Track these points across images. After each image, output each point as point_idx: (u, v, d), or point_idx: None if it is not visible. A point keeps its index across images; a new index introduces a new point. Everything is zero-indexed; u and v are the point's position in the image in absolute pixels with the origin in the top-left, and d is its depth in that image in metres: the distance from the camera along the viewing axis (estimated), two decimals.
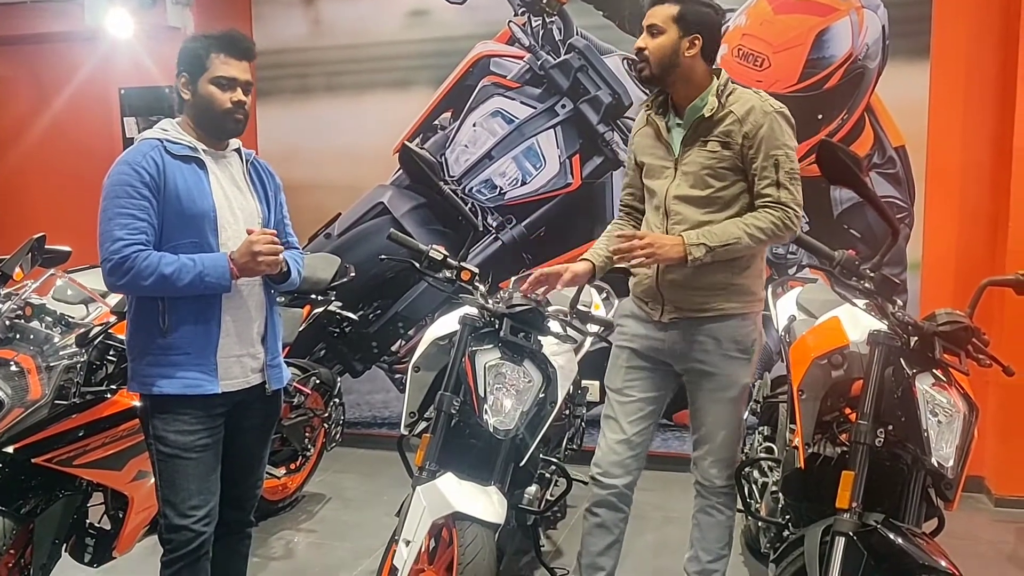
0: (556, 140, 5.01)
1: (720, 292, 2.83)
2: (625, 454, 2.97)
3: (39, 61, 6.09)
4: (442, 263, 3.07)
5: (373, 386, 5.50)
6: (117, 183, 2.49)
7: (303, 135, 5.43)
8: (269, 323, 2.73)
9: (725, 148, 2.76)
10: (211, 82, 2.58)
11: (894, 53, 4.49)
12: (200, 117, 2.62)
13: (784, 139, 2.75)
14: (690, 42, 2.74)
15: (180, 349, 2.55)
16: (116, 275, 2.48)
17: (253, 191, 2.73)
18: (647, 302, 2.94)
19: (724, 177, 2.78)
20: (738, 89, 2.81)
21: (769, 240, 2.77)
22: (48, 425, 2.80)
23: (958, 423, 2.45)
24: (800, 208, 2.78)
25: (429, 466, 2.86)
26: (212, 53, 2.58)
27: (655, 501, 4.32)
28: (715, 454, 2.95)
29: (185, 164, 2.56)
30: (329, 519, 4.43)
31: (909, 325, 2.52)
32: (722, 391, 2.90)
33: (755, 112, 2.74)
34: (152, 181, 2.49)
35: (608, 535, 3.02)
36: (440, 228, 5.21)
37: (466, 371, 2.95)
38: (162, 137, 2.58)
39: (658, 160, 2.89)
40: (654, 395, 2.98)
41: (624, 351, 3.01)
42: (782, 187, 2.74)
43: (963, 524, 4.15)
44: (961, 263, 4.50)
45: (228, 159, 2.70)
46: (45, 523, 2.88)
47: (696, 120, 2.78)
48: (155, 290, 2.49)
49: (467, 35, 5.10)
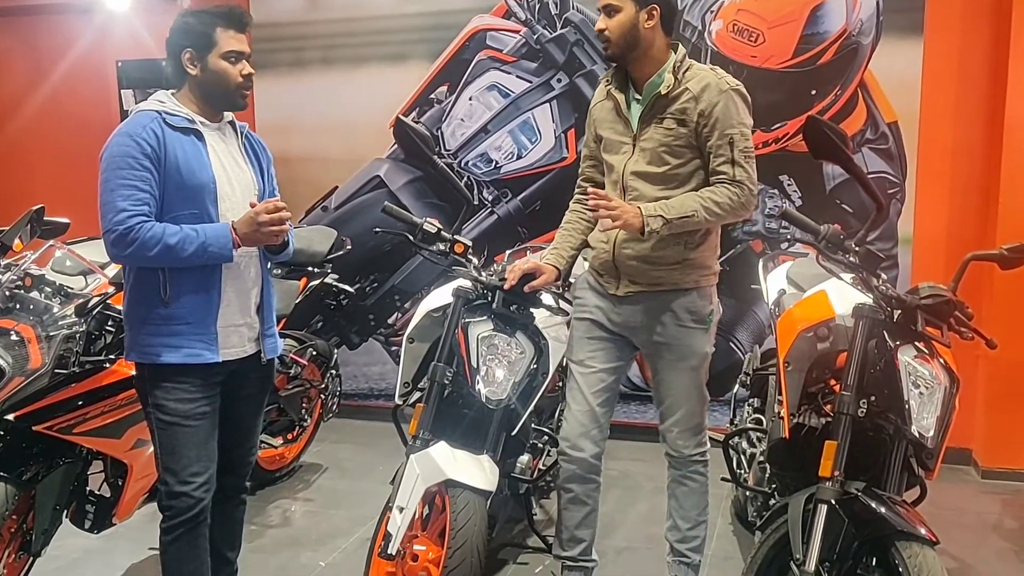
0: (552, 114, 5.03)
1: (675, 267, 2.87)
2: (590, 425, 3.01)
3: (36, 33, 6.08)
4: (436, 236, 3.12)
5: (370, 358, 5.55)
6: (118, 154, 2.51)
7: (300, 108, 5.45)
8: (265, 293, 2.78)
9: (681, 125, 2.79)
10: (222, 57, 2.60)
11: (888, 29, 4.50)
12: (209, 92, 2.64)
13: (740, 117, 2.77)
14: (648, 13, 2.76)
15: (181, 319, 2.58)
16: (120, 246, 2.50)
17: (249, 163, 2.76)
18: (603, 275, 2.98)
19: (680, 154, 2.81)
20: (694, 66, 2.83)
21: (725, 216, 2.80)
22: (48, 394, 2.84)
23: (939, 394, 2.50)
24: (755, 187, 2.81)
25: (423, 435, 2.92)
26: (219, 28, 2.61)
27: (647, 472, 4.38)
28: (681, 424, 3.00)
29: (184, 136, 2.58)
30: (326, 488, 4.50)
31: (893, 298, 2.56)
32: (682, 361, 2.95)
33: (710, 90, 2.75)
34: (153, 152, 2.51)
35: (583, 507, 3.06)
36: (436, 201, 5.23)
37: (459, 342, 3.01)
38: (160, 109, 2.59)
39: (617, 135, 2.92)
40: (614, 365, 3.02)
41: (584, 322, 3.05)
42: (737, 165, 2.76)
43: (950, 495, 4.22)
44: (952, 238, 4.53)
45: (224, 131, 2.72)
46: (46, 490, 2.92)
47: (653, 97, 2.81)
48: (159, 261, 2.51)
49: (463, 9, 5.10)
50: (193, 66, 2.62)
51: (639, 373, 4.88)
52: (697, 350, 2.95)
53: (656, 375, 3.02)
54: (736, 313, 4.78)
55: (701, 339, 2.94)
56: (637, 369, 4.77)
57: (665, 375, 2.99)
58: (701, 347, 2.95)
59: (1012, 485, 4.43)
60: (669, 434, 3.03)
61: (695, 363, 2.95)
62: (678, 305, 2.90)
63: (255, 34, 5.53)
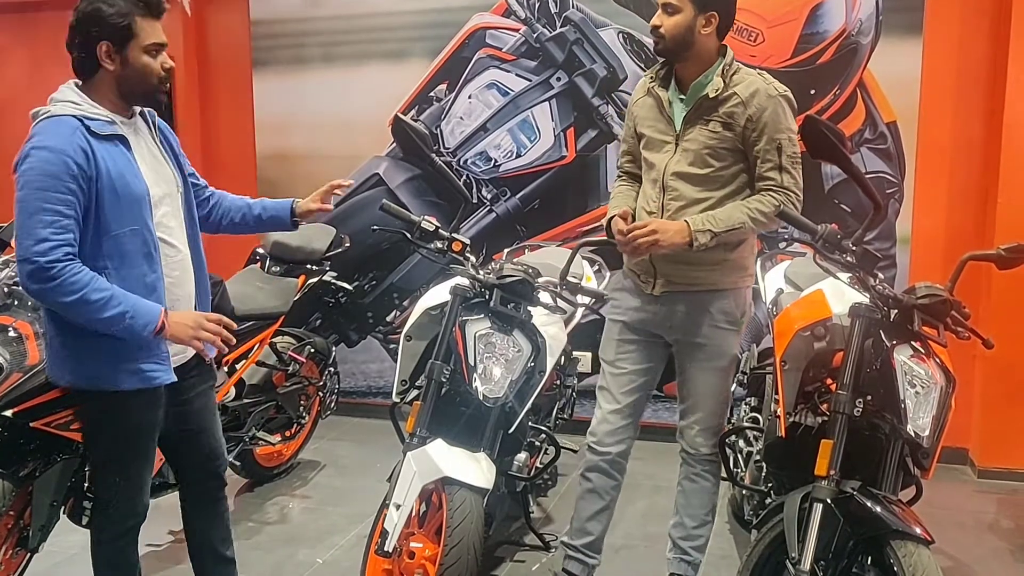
0: (551, 113, 5.03)
1: (715, 268, 2.88)
2: (618, 423, 3.04)
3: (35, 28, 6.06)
4: (434, 234, 3.12)
5: (368, 356, 5.55)
6: (41, 172, 2.26)
7: (299, 106, 5.44)
8: (199, 285, 2.63)
9: (727, 129, 2.78)
10: (144, 51, 2.39)
11: (887, 29, 4.51)
12: (129, 88, 2.42)
13: (788, 123, 2.78)
14: (706, 19, 2.75)
15: (131, 342, 2.41)
16: (37, 279, 2.25)
17: (165, 155, 2.58)
18: (639, 275, 2.98)
19: (724, 157, 2.82)
20: (743, 69, 2.83)
21: (770, 224, 2.83)
22: (46, 390, 2.83)
23: (935, 394, 2.51)
24: (801, 192, 2.83)
25: (420, 432, 2.93)
26: (137, 17, 2.36)
27: (646, 470, 4.39)
28: (702, 423, 3.01)
29: (112, 146, 2.38)
30: (323, 485, 4.51)
31: (889, 298, 2.57)
32: (711, 361, 2.96)
33: (759, 95, 2.76)
34: (82, 172, 2.29)
35: (599, 500, 3.10)
36: (435, 199, 5.23)
37: (456, 340, 3.01)
38: (78, 114, 2.35)
39: (659, 134, 2.91)
40: (645, 367, 3.04)
41: (617, 324, 3.07)
42: (784, 171, 2.78)
43: (947, 495, 4.22)
44: (951, 238, 4.54)
45: (138, 126, 2.53)
46: (43, 486, 2.92)
47: (700, 99, 2.80)
48: (66, 309, 2.30)
49: (463, 7, 5.10)
50: (111, 60, 2.37)
51: None
52: (727, 351, 2.96)
53: (683, 373, 3.03)
54: None
55: (732, 340, 2.96)
56: None
57: (693, 374, 2.99)
58: (731, 348, 2.97)
59: (1008, 484, 4.43)
60: (689, 431, 3.04)
61: (724, 364, 2.97)
62: (714, 306, 2.91)
63: (254, 31, 5.56)
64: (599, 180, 5.01)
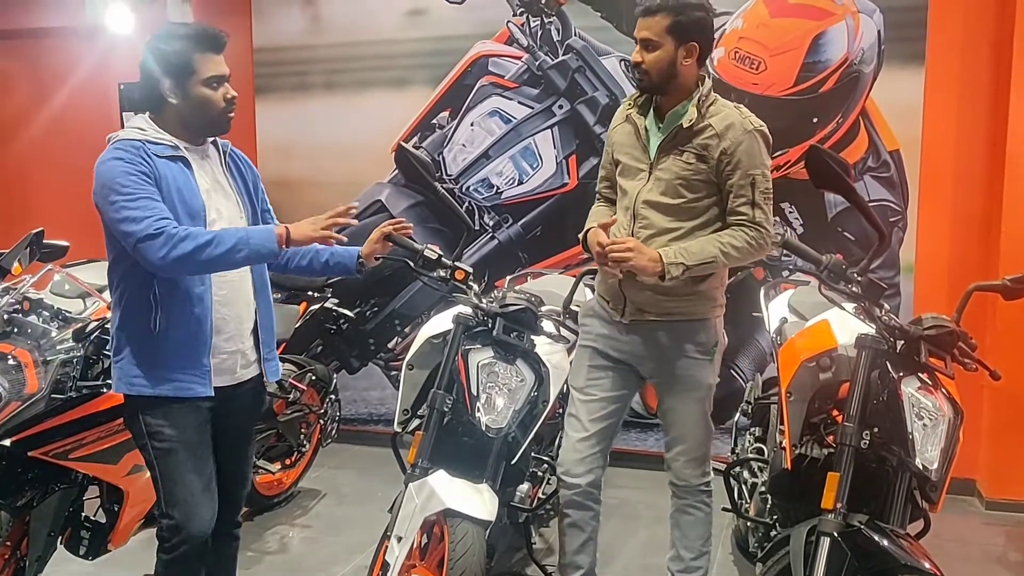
0: (553, 140, 5.03)
1: (683, 297, 2.86)
2: (586, 452, 3.00)
3: (39, 56, 6.09)
4: (437, 262, 3.09)
5: (369, 383, 5.52)
6: (120, 173, 2.41)
7: (301, 132, 5.45)
8: (260, 315, 2.72)
9: (700, 161, 2.77)
10: (203, 84, 2.51)
11: (889, 58, 4.51)
12: (193, 119, 2.56)
13: (762, 158, 2.76)
14: (687, 51, 2.74)
15: (173, 352, 2.52)
16: (166, 247, 2.35)
17: (233, 185, 2.69)
18: (609, 301, 2.97)
19: (697, 189, 2.80)
20: (719, 101, 2.82)
21: (742, 259, 2.80)
22: (45, 419, 2.82)
23: (943, 426, 2.49)
24: (772, 228, 2.81)
25: (421, 463, 2.90)
26: (196, 54, 2.50)
27: (646, 500, 4.35)
28: (688, 454, 2.99)
29: (172, 163, 2.51)
30: (324, 514, 4.46)
31: (896, 329, 2.55)
32: (687, 392, 2.94)
33: (735, 129, 2.74)
34: (151, 172, 2.44)
35: (581, 533, 3.06)
36: (437, 226, 5.23)
37: (459, 369, 2.98)
38: (141, 138, 2.50)
39: (634, 161, 2.90)
40: (616, 394, 3.01)
41: (587, 350, 3.04)
42: (757, 207, 2.76)
43: (954, 527, 4.18)
44: (954, 267, 4.52)
45: (207, 153, 2.65)
46: (41, 516, 2.90)
47: (675, 128, 2.79)
48: (194, 258, 2.37)
49: (465, 35, 5.11)
50: (174, 96, 2.52)
51: (640, 400, 4.85)
52: (702, 381, 2.94)
53: (662, 404, 3.02)
54: (738, 341, 4.75)
55: (706, 370, 2.94)
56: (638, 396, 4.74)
57: (671, 405, 2.98)
58: (706, 378, 2.94)
59: (1016, 516, 4.39)
60: (675, 463, 3.02)
61: (701, 394, 2.95)
62: (684, 336, 2.89)
63: (257, 58, 5.58)
64: None
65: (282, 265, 2.88)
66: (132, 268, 2.50)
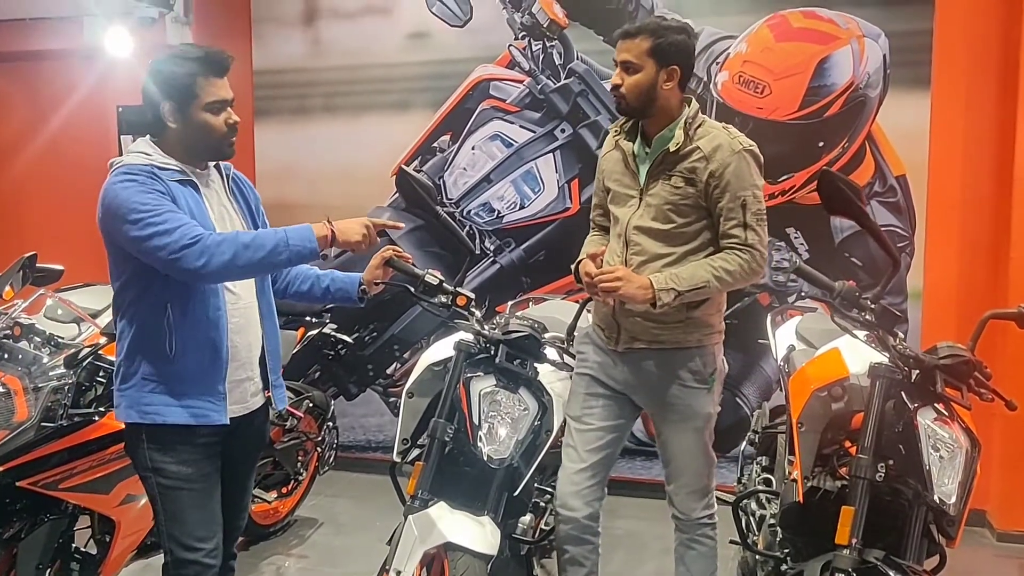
0: (555, 164, 4.99)
1: (677, 325, 2.79)
2: (583, 484, 2.92)
3: (38, 78, 6.06)
4: (438, 288, 3.02)
5: (367, 409, 5.44)
6: (136, 193, 2.33)
7: (301, 155, 5.41)
8: (267, 340, 2.65)
9: (689, 184, 2.71)
10: (205, 109, 2.45)
11: (895, 82, 4.48)
12: (194, 144, 2.50)
13: (752, 179, 2.70)
14: (668, 74, 2.70)
15: (188, 377, 2.45)
16: (197, 256, 2.29)
17: (237, 209, 2.64)
18: (604, 329, 2.91)
19: (686, 213, 2.74)
20: (706, 123, 2.76)
21: (736, 283, 2.73)
22: (34, 448, 2.76)
23: (960, 458, 2.43)
24: (765, 250, 2.73)
25: (422, 494, 2.83)
26: (199, 77, 2.44)
27: (654, 531, 4.26)
28: (689, 486, 2.92)
29: (183, 187, 2.46)
30: (321, 544, 4.38)
31: (910, 358, 2.49)
32: (684, 422, 2.87)
33: (722, 150, 2.68)
34: (167, 194, 2.38)
35: (580, 568, 2.98)
36: (438, 251, 5.18)
37: (460, 398, 2.92)
38: (148, 163, 2.44)
39: (624, 188, 2.86)
40: (613, 423, 2.94)
41: (583, 378, 2.98)
42: (749, 228, 2.69)
43: (965, 560, 4.07)
44: (962, 293, 4.47)
45: (211, 178, 2.60)
46: (29, 548, 2.83)
47: (662, 152, 2.74)
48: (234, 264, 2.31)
49: (467, 58, 5.08)
50: (173, 120, 2.46)
51: (643, 428, 4.78)
52: (700, 411, 2.86)
53: (660, 436, 2.94)
54: (743, 368, 4.69)
55: (704, 399, 2.85)
56: (641, 423, 4.67)
57: (668, 436, 2.90)
58: (704, 408, 2.86)
59: None
60: (676, 496, 2.94)
61: (698, 424, 2.87)
62: (679, 364, 2.82)
63: (257, 80, 5.56)
64: None
65: (281, 290, 2.83)
66: (143, 292, 2.44)
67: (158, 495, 2.50)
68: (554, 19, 4.90)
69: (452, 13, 5.07)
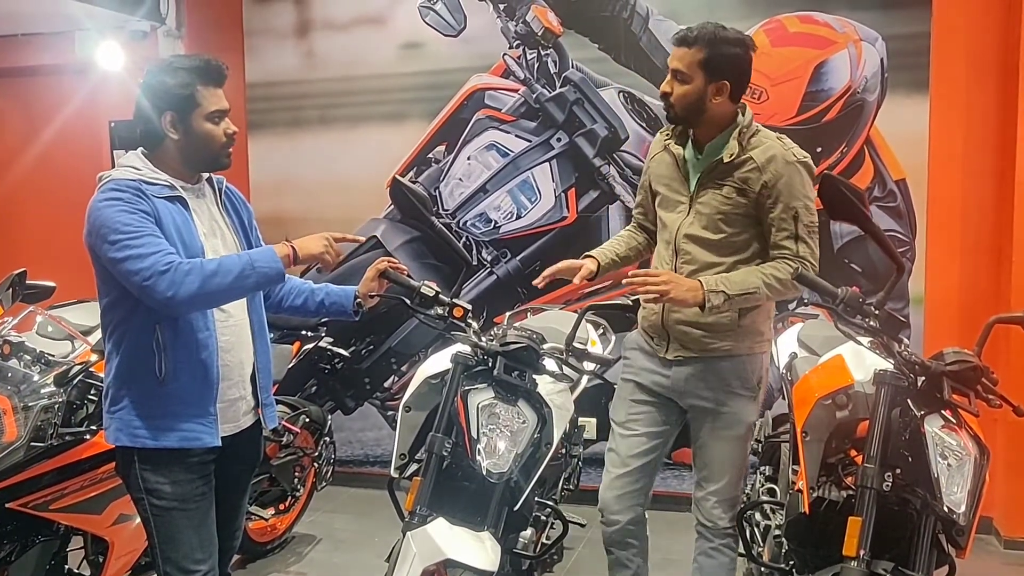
0: (551, 174, 4.95)
1: (728, 333, 2.76)
2: (625, 488, 2.92)
3: (30, 93, 6.04)
4: (434, 300, 2.98)
5: (365, 423, 5.39)
6: (120, 212, 2.30)
7: (296, 168, 5.37)
8: (259, 358, 2.61)
9: (740, 195, 2.68)
10: (207, 118, 2.43)
11: (893, 86, 4.45)
12: (192, 155, 2.46)
13: (805, 190, 2.66)
14: (717, 88, 2.64)
15: (179, 400, 2.39)
16: (168, 284, 2.24)
17: (229, 224, 2.60)
18: (653, 337, 2.89)
19: (736, 224, 2.71)
20: (761, 132, 2.72)
21: (785, 292, 2.70)
22: (24, 468, 2.71)
23: (969, 466, 2.38)
24: (817, 263, 2.69)
25: (420, 511, 2.76)
26: (199, 86, 2.41)
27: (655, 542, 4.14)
28: (720, 495, 2.88)
29: (170, 204, 2.40)
30: (319, 561, 4.33)
31: (916, 364, 2.45)
32: (727, 429, 2.84)
33: (776, 161, 2.64)
34: (151, 211, 2.34)
35: (625, 570, 3.01)
36: (434, 262, 5.13)
37: (458, 411, 2.86)
38: (136, 177, 2.39)
39: (673, 193, 2.83)
40: (658, 430, 2.92)
41: (629, 384, 2.97)
42: (801, 240, 2.66)
43: (971, 568, 3.99)
44: (965, 298, 4.43)
45: (203, 192, 2.56)
46: (19, 571, 2.78)
47: (715, 161, 2.70)
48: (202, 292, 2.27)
49: (461, 68, 5.05)
50: (175, 130, 2.42)
51: None
52: (744, 419, 2.84)
53: (697, 441, 2.91)
54: None
55: (750, 408, 2.84)
56: None
57: (708, 442, 2.87)
58: (749, 416, 2.85)
59: None
60: (705, 503, 2.90)
61: (741, 432, 2.85)
62: (729, 371, 2.79)
63: (250, 93, 5.53)
64: (601, 241, 4.82)
65: (275, 304, 2.78)
66: (131, 312, 2.39)
67: (152, 517, 2.45)
68: (549, 27, 4.87)
69: (446, 23, 5.04)
